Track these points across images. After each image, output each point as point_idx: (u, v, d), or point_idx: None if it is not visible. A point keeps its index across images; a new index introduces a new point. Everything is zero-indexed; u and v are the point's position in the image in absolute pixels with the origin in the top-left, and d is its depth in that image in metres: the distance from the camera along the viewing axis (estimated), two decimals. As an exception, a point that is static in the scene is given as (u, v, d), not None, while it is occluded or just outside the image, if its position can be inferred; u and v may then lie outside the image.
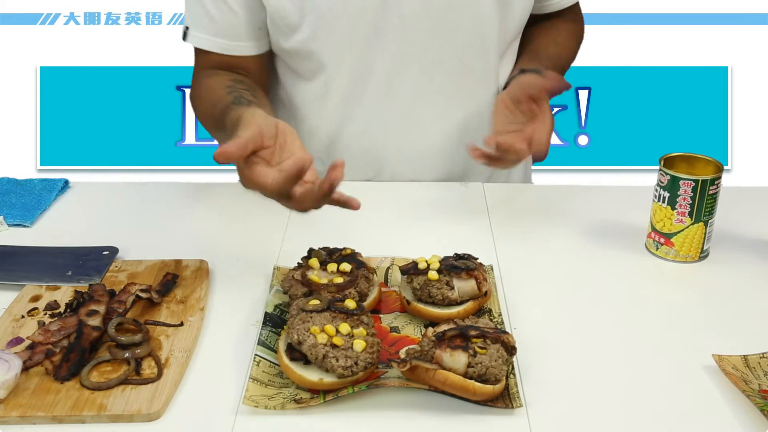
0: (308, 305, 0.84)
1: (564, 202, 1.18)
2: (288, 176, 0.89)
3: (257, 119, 0.96)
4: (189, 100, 1.30)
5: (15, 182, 1.25)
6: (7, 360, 0.80)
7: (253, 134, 0.92)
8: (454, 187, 1.28)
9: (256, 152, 0.93)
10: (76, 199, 1.24)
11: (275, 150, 0.96)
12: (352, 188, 1.29)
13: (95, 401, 0.78)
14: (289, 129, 0.98)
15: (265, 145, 0.94)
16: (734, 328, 0.93)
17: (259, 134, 0.93)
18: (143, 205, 1.21)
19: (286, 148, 0.97)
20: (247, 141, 0.91)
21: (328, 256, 0.95)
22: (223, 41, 1.23)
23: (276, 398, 0.79)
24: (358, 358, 0.79)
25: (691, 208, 1.02)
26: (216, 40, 1.24)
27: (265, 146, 0.94)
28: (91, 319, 0.87)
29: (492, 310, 0.93)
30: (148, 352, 0.84)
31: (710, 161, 1.05)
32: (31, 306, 0.94)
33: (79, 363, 0.82)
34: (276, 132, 0.96)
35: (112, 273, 1.02)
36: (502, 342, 0.80)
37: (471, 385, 0.77)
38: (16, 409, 0.77)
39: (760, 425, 0.76)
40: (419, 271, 0.93)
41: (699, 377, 0.84)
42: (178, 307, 0.94)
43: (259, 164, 0.93)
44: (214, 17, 1.22)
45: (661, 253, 1.06)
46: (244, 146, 0.90)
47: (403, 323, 0.92)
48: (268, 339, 0.87)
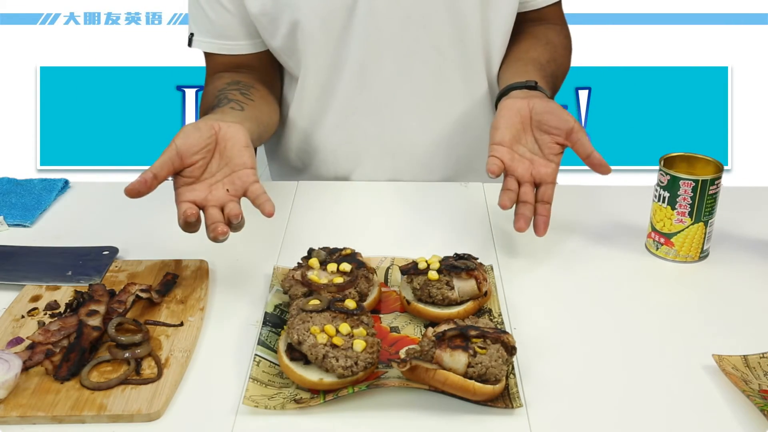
0: (308, 305, 0.84)
1: (564, 202, 1.18)
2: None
3: (178, 138, 0.97)
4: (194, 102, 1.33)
5: (15, 182, 1.25)
6: (7, 360, 0.80)
7: (164, 160, 0.94)
8: (454, 187, 1.28)
9: (180, 173, 0.96)
10: (76, 199, 1.24)
11: (212, 159, 0.98)
12: (354, 188, 1.30)
13: (95, 401, 0.78)
14: (232, 131, 1.00)
15: (188, 163, 0.96)
16: (734, 328, 0.93)
17: (174, 156, 0.95)
18: (143, 205, 1.21)
19: (227, 154, 0.99)
20: (156, 169, 0.93)
21: (328, 256, 0.95)
22: (223, 42, 1.26)
23: (276, 398, 0.79)
24: (358, 358, 0.79)
25: (691, 208, 1.02)
26: (217, 42, 1.27)
27: (188, 164, 0.96)
28: (91, 319, 0.87)
29: (492, 310, 0.93)
30: (148, 352, 0.84)
31: (710, 161, 1.05)
32: (31, 306, 0.94)
33: (79, 363, 0.82)
34: (212, 139, 0.98)
35: (112, 273, 1.02)
36: (502, 342, 0.80)
37: (471, 385, 0.77)
38: (16, 409, 0.77)
39: (760, 425, 0.76)
40: (419, 271, 0.93)
41: (699, 377, 0.84)
42: (178, 307, 0.94)
43: (182, 186, 0.96)
44: (212, 20, 1.25)
45: (661, 253, 1.06)
46: (153, 175, 0.93)
47: (403, 323, 0.92)
48: (268, 339, 0.87)
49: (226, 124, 1.00)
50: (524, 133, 1.06)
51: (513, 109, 1.07)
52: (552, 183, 1.04)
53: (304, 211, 1.18)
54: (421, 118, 1.30)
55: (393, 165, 1.32)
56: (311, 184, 1.28)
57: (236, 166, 0.98)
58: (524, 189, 1.03)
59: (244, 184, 0.97)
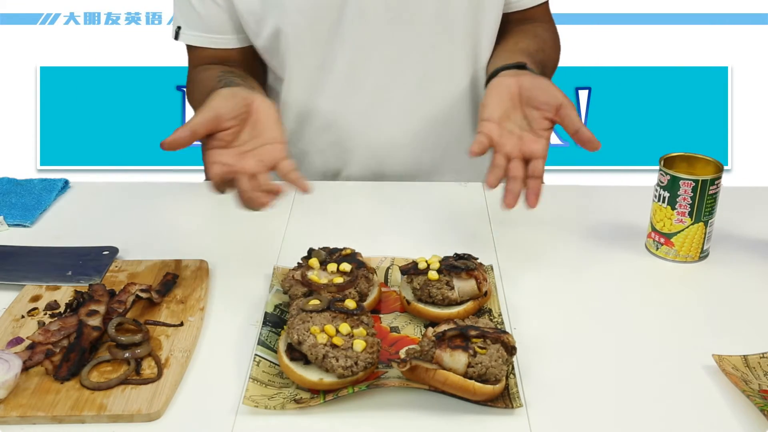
0: (308, 305, 0.84)
1: (564, 202, 1.18)
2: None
3: (216, 100, 0.95)
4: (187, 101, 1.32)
5: (15, 182, 1.25)
6: (7, 360, 0.80)
7: (204, 118, 0.92)
8: (454, 187, 1.28)
9: (212, 135, 0.94)
10: (76, 199, 1.24)
11: (244, 128, 0.97)
12: (354, 188, 1.30)
13: (95, 401, 0.78)
14: (265, 106, 0.98)
15: (223, 126, 0.94)
16: (734, 328, 0.93)
17: (213, 117, 0.93)
18: (143, 205, 1.21)
19: (259, 126, 0.97)
20: (195, 126, 0.91)
21: (328, 256, 0.95)
22: (212, 36, 1.27)
23: (276, 398, 0.79)
24: (358, 358, 0.79)
25: (691, 208, 1.02)
26: (205, 35, 1.27)
27: (222, 128, 0.94)
28: (91, 319, 0.87)
29: (492, 310, 0.93)
30: (148, 352, 0.84)
31: (710, 161, 1.05)
32: (31, 306, 0.94)
33: (79, 363, 0.82)
34: (247, 110, 0.97)
35: (112, 273, 1.02)
36: (502, 342, 0.80)
37: (471, 385, 0.77)
38: (16, 409, 0.77)
39: (760, 425, 0.76)
40: (419, 271, 0.93)
41: (699, 377, 0.84)
42: (178, 307, 0.94)
43: (213, 148, 0.93)
44: (201, 14, 1.25)
45: (661, 253, 1.06)
46: (191, 132, 0.90)
47: (403, 323, 0.92)
48: (268, 339, 0.87)
49: (260, 98, 0.99)
50: (513, 109, 1.04)
51: (502, 86, 1.06)
52: (542, 158, 1.01)
53: (304, 211, 1.18)
54: (409, 118, 1.30)
55: (378, 164, 1.32)
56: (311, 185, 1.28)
57: (268, 140, 0.97)
58: (513, 164, 1.00)
59: (275, 158, 0.96)
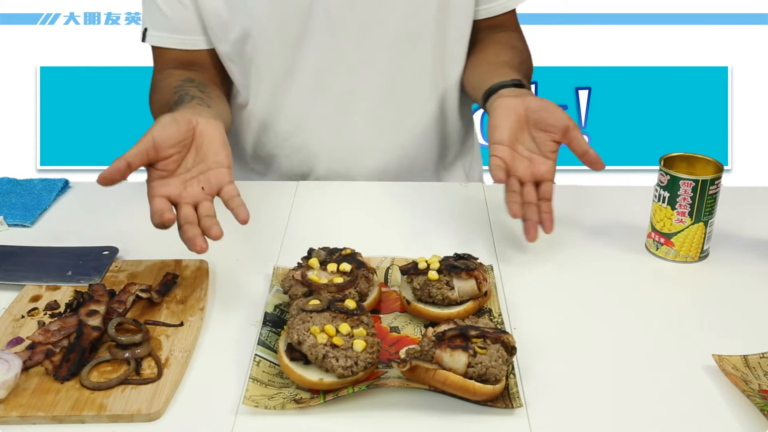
0: (308, 305, 0.84)
1: (564, 202, 1.18)
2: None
3: (155, 129, 0.95)
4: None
5: (15, 182, 1.25)
6: (7, 360, 0.80)
7: (139, 149, 0.92)
8: (454, 187, 1.28)
9: (154, 165, 0.94)
10: (76, 199, 1.24)
11: (188, 154, 0.97)
12: (354, 188, 1.30)
13: (95, 401, 0.78)
14: (209, 128, 0.99)
15: (163, 156, 0.94)
16: (734, 328, 0.93)
17: (149, 148, 0.93)
18: (143, 205, 1.21)
19: (203, 150, 0.97)
20: (131, 157, 0.91)
21: (328, 256, 0.95)
22: (178, 37, 1.26)
23: (276, 398, 0.79)
24: (358, 358, 0.79)
25: (691, 208, 1.02)
26: (172, 36, 1.26)
27: (162, 157, 0.94)
28: (91, 319, 0.87)
29: (492, 310, 0.93)
30: (148, 352, 0.84)
31: (710, 161, 1.05)
32: (31, 306, 0.94)
33: (79, 363, 0.82)
34: (190, 134, 0.97)
35: (112, 273, 1.02)
36: (502, 342, 0.80)
37: (471, 385, 0.77)
38: (16, 409, 0.77)
39: (760, 425, 0.76)
40: (419, 271, 0.93)
41: (699, 377, 0.84)
42: (178, 307, 0.94)
43: (156, 179, 0.94)
44: (167, 14, 1.24)
45: (661, 253, 1.06)
46: (127, 164, 0.90)
47: (403, 323, 0.92)
48: (268, 339, 0.87)
49: (204, 120, 0.99)
50: (521, 131, 1.06)
51: (509, 107, 1.07)
52: (551, 180, 1.05)
53: (304, 211, 1.18)
54: (375, 123, 1.30)
55: (344, 168, 1.32)
56: (311, 185, 1.28)
57: (212, 164, 0.97)
58: (527, 190, 1.04)
59: (219, 183, 0.96)
